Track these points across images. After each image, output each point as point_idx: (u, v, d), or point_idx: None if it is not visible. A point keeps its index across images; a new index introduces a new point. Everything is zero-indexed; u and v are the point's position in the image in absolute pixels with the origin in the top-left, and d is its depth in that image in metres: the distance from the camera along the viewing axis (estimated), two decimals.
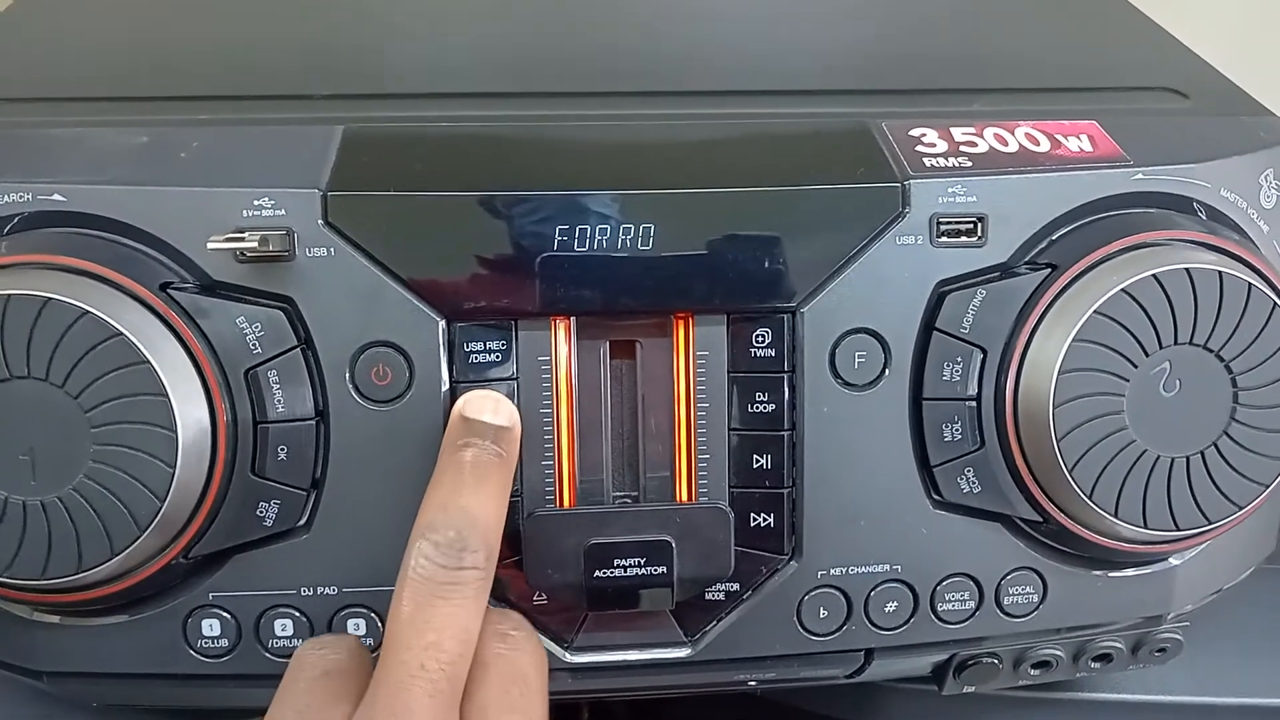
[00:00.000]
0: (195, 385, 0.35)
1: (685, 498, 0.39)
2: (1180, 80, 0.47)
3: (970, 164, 0.39)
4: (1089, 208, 0.39)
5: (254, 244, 0.35)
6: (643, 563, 0.38)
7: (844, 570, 0.40)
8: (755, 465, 0.39)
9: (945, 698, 0.45)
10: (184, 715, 0.46)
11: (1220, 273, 0.37)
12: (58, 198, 0.36)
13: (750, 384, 0.39)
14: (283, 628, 0.38)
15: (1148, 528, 0.38)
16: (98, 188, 0.36)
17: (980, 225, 0.39)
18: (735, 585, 0.40)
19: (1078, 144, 0.40)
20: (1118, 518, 0.38)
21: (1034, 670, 0.45)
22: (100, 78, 0.45)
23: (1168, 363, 0.37)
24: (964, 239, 0.39)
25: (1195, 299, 0.37)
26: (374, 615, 0.38)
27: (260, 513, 0.37)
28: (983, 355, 0.39)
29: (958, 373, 0.39)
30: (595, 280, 0.37)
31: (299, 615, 0.38)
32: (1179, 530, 0.38)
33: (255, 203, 0.36)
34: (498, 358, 0.38)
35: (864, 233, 0.38)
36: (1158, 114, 0.44)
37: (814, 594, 0.40)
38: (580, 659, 0.40)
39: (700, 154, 0.40)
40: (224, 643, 0.38)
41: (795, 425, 0.39)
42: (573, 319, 0.38)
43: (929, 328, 0.39)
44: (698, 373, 0.39)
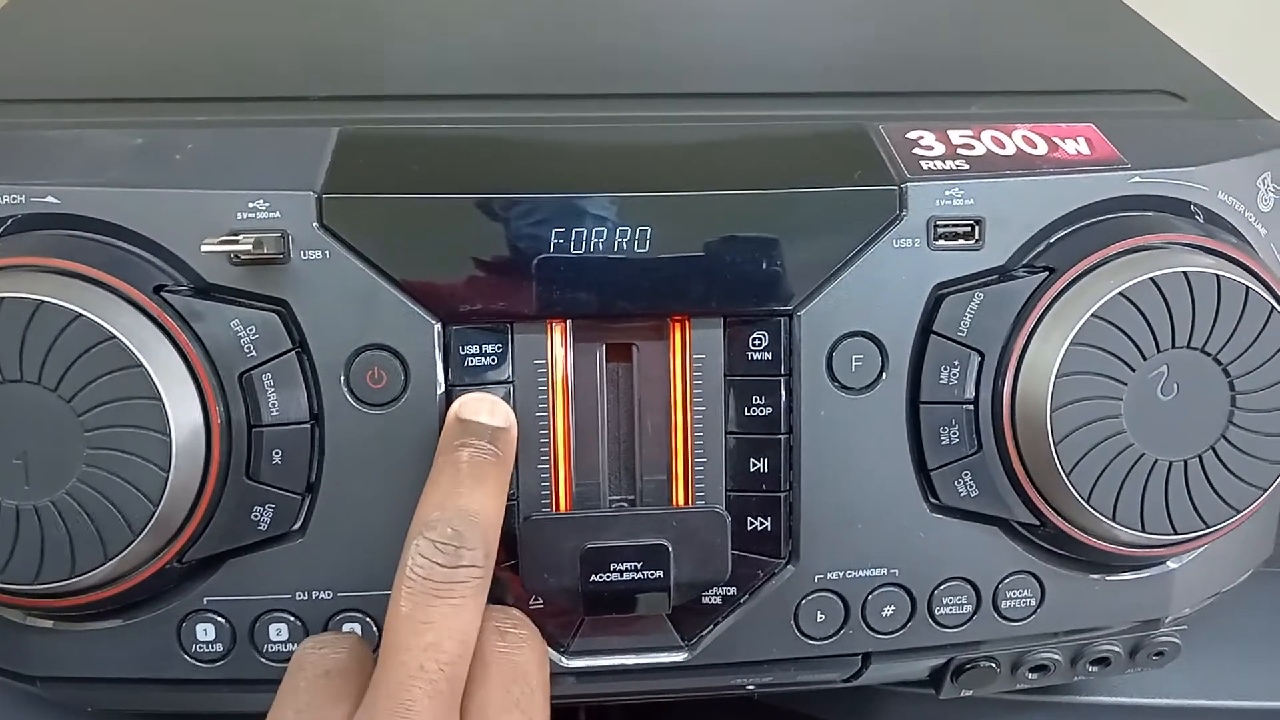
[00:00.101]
0: (189, 388, 0.35)
1: (682, 501, 0.39)
2: (1177, 83, 0.47)
3: (968, 167, 0.39)
4: (1086, 211, 0.39)
5: (248, 247, 0.35)
6: (639, 567, 0.37)
7: (841, 574, 0.40)
8: (752, 469, 0.39)
9: (943, 701, 0.45)
10: None
11: (1218, 276, 0.37)
12: (51, 200, 0.36)
13: (747, 387, 0.39)
14: (278, 632, 0.38)
15: (1145, 531, 0.38)
16: (92, 190, 0.36)
17: (978, 228, 0.38)
18: (732, 589, 0.40)
19: (1075, 147, 0.40)
20: (1115, 521, 0.38)
21: (1032, 674, 0.45)
22: (95, 79, 0.45)
23: (1165, 366, 0.37)
24: (961, 242, 0.38)
25: (1193, 302, 0.37)
26: (370, 620, 0.38)
27: (255, 517, 0.37)
28: (980, 358, 0.39)
29: (955, 376, 0.39)
30: (592, 283, 0.37)
31: (294, 620, 0.38)
32: (1177, 534, 0.38)
33: (250, 205, 0.36)
34: (493, 361, 0.38)
35: (861, 235, 0.38)
36: (1155, 117, 0.44)
37: (811, 598, 0.40)
38: (577, 663, 0.40)
39: (697, 156, 0.40)
40: (218, 647, 0.38)
41: (792, 429, 0.39)
42: (569, 322, 0.38)
43: (926, 331, 0.39)
44: (694, 376, 0.38)
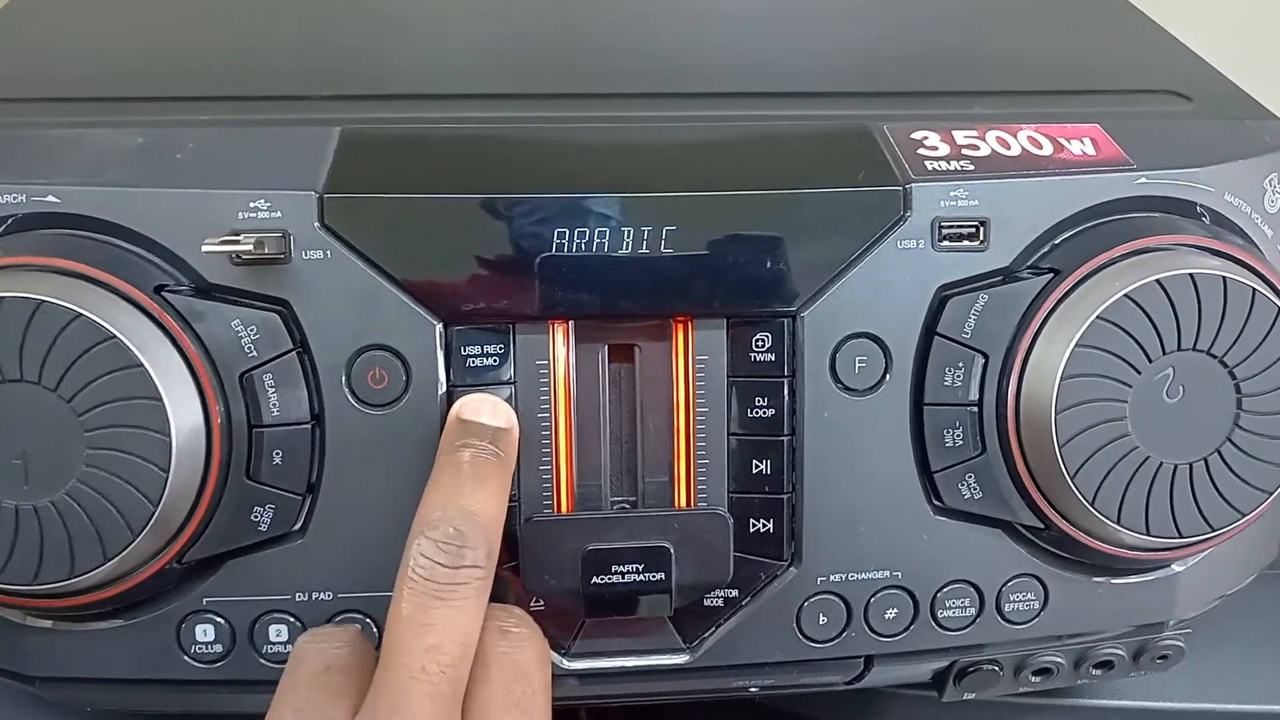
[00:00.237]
0: (189, 389, 0.35)
1: (684, 503, 0.39)
2: (1183, 83, 0.47)
3: (972, 167, 0.39)
4: (1092, 212, 0.39)
5: (249, 246, 0.35)
6: (641, 569, 0.37)
7: (844, 576, 0.40)
8: (755, 470, 0.39)
9: (945, 704, 0.45)
10: None
11: (1224, 278, 0.36)
12: (52, 199, 0.36)
13: (750, 388, 0.38)
14: (277, 633, 0.38)
15: (1150, 534, 0.38)
16: (92, 189, 0.36)
17: (982, 229, 0.38)
18: (734, 591, 0.39)
19: (1080, 147, 0.40)
20: (1120, 524, 0.37)
21: (1035, 677, 0.44)
22: (95, 78, 0.45)
23: (1171, 369, 0.37)
24: (966, 243, 0.38)
25: (1199, 304, 0.36)
26: (370, 621, 0.38)
27: (255, 517, 0.37)
28: (984, 360, 0.38)
29: (959, 378, 0.38)
30: (594, 283, 0.37)
31: (294, 621, 0.38)
32: (1181, 537, 0.38)
33: (251, 205, 0.36)
34: (495, 361, 0.37)
35: (865, 236, 0.38)
36: (1161, 117, 0.44)
37: (813, 600, 0.40)
38: (578, 665, 0.40)
39: (700, 156, 0.40)
40: (218, 648, 0.38)
41: (795, 430, 0.38)
42: (571, 322, 0.38)
43: (930, 332, 0.38)
44: (697, 377, 0.38)
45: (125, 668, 0.38)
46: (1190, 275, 0.36)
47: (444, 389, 0.37)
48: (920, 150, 0.39)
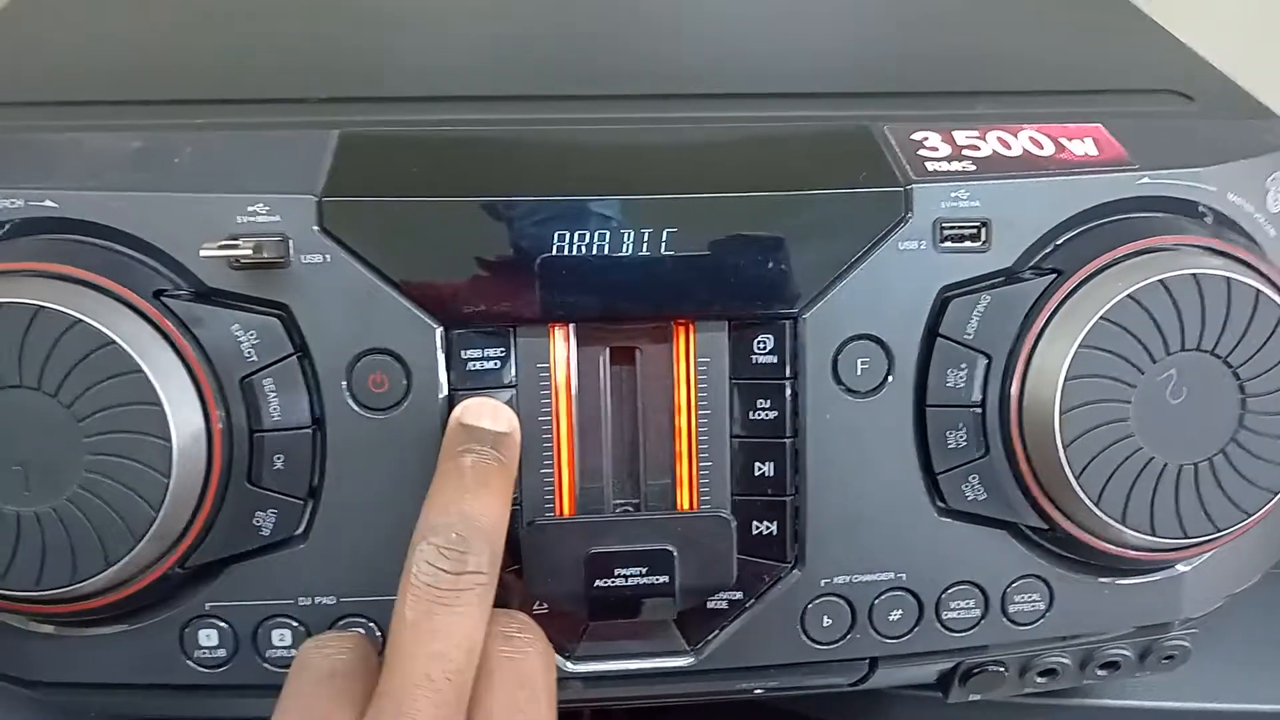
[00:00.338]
0: (190, 394, 0.34)
1: (687, 506, 0.38)
2: (1185, 82, 0.46)
3: (974, 168, 0.39)
4: (1094, 212, 0.39)
5: (248, 251, 0.35)
6: (644, 572, 0.37)
7: (848, 578, 0.39)
8: (757, 473, 0.38)
9: (950, 705, 0.45)
10: None
11: (1228, 278, 0.36)
12: (50, 204, 0.36)
13: (752, 391, 0.38)
14: (280, 638, 0.38)
15: (1155, 535, 0.37)
16: (90, 194, 0.36)
17: (984, 230, 0.38)
18: (738, 594, 0.39)
19: (1082, 147, 0.40)
20: (1125, 525, 0.37)
21: (1040, 678, 0.44)
22: (93, 81, 0.45)
23: (1174, 369, 0.37)
24: (968, 244, 0.38)
25: (1202, 305, 0.36)
26: (373, 625, 0.38)
27: (257, 522, 0.37)
28: (987, 361, 0.38)
29: (962, 379, 0.38)
30: (595, 286, 0.37)
31: (297, 625, 0.38)
32: (1187, 538, 0.38)
33: (250, 209, 0.36)
34: (496, 364, 0.37)
35: (867, 238, 0.38)
36: (1163, 117, 0.44)
37: (817, 602, 0.40)
38: (581, 668, 0.40)
39: (700, 158, 0.39)
40: (221, 653, 0.38)
41: (798, 432, 0.38)
42: (572, 325, 0.38)
43: (933, 334, 0.38)
44: (699, 379, 0.38)
45: (128, 673, 0.38)
46: (1193, 275, 0.36)
47: (445, 392, 0.37)
48: (921, 151, 0.39)
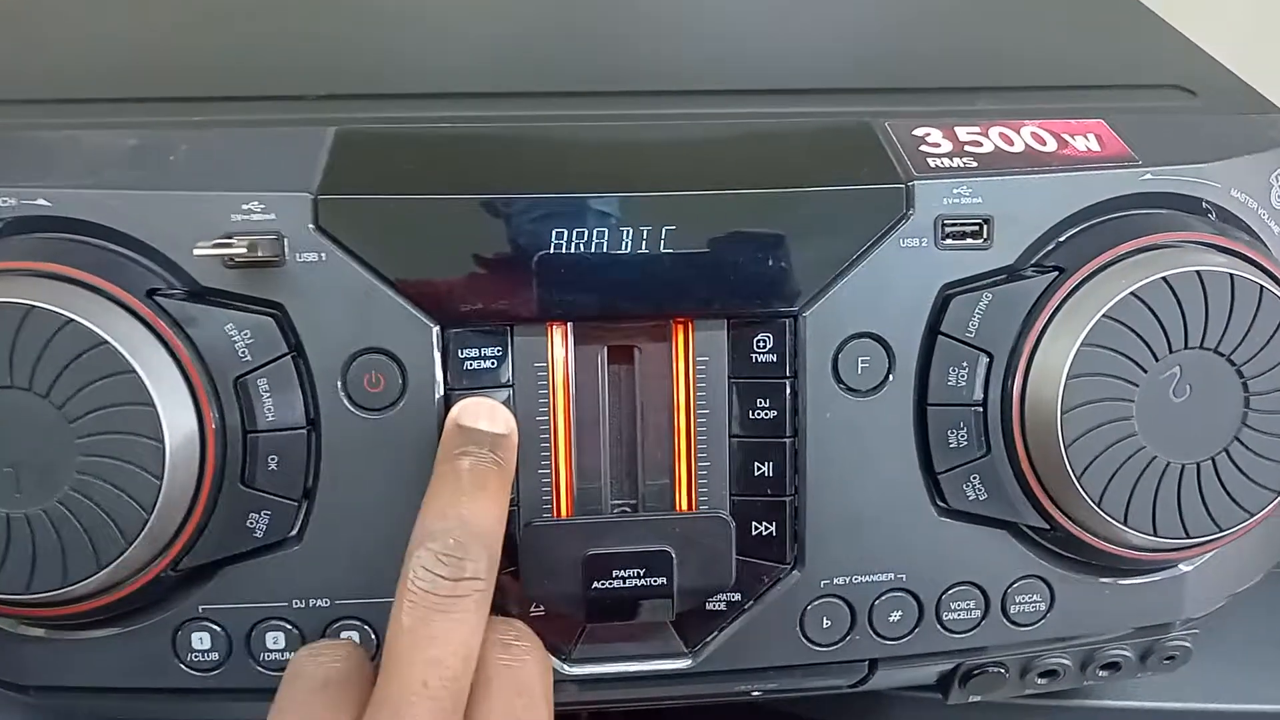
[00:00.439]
0: (183, 394, 0.34)
1: (685, 506, 0.38)
2: (1188, 78, 0.46)
3: (975, 164, 0.38)
4: (1097, 209, 0.39)
5: (243, 249, 0.34)
6: (642, 573, 0.37)
7: (847, 579, 0.39)
8: (757, 473, 0.38)
9: (951, 706, 0.45)
10: None
11: (1231, 275, 0.36)
12: (42, 202, 0.35)
13: (751, 390, 0.38)
14: (274, 640, 0.37)
15: (1157, 535, 0.37)
16: (83, 192, 0.35)
17: (986, 227, 0.38)
18: (737, 595, 0.39)
19: (1085, 144, 0.40)
20: (1127, 525, 0.37)
21: (1041, 679, 0.44)
22: (87, 79, 0.44)
23: (1178, 367, 0.36)
24: (969, 241, 0.38)
25: (1206, 302, 0.36)
26: (368, 627, 0.38)
27: (250, 524, 0.36)
28: (989, 360, 0.38)
29: (963, 378, 0.38)
30: (593, 284, 0.37)
31: (290, 628, 0.37)
32: (1189, 538, 0.38)
33: (244, 207, 0.35)
34: (493, 364, 0.37)
35: (867, 235, 0.37)
36: (1166, 112, 0.44)
37: (817, 604, 0.39)
38: (579, 671, 0.40)
39: (700, 154, 0.39)
40: (214, 656, 0.37)
41: (797, 432, 0.38)
42: (570, 324, 0.37)
43: (934, 332, 0.38)
44: (698, 378, 0.38)
45: (120, 676, 0.38)
46: (1197, 273, 0.36)
47: (441, 392, 0.36)
48: (923, 147, 0.39)
